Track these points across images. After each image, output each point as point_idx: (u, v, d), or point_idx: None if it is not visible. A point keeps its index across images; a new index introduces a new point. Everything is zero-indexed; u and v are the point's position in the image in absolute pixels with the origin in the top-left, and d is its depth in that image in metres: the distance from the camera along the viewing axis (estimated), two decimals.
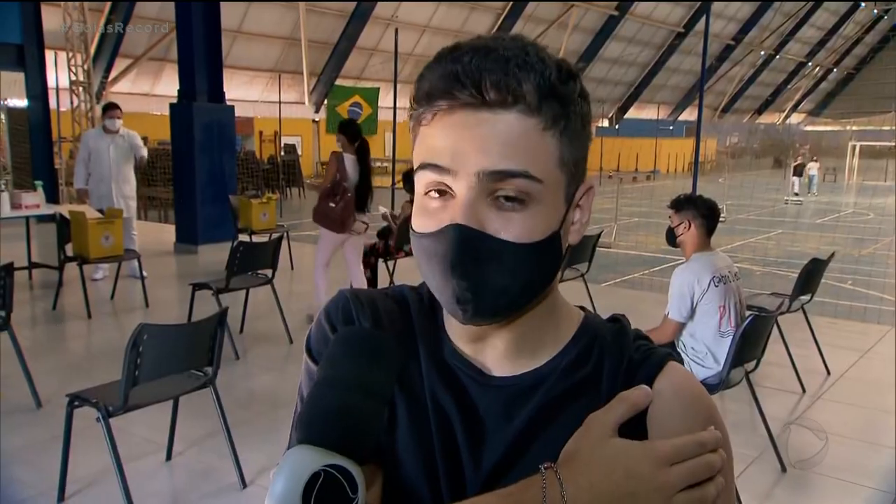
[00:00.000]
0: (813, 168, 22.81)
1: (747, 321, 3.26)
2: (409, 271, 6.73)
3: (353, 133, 5.43)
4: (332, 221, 5.37)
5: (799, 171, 21.72)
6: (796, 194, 21.08)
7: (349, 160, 5.37)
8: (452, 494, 0.69)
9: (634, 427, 0.66)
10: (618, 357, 0.72)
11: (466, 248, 0.63)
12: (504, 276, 0.64)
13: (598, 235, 6.50)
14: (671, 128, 36.78)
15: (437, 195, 0.64)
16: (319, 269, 5.52)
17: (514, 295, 0.65)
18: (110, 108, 6.77)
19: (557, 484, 0.61)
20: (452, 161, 0.62)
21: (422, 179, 0.65)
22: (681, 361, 0.73)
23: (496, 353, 0.72)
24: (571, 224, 0.69)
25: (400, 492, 0.71)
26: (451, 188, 0.63)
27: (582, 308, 0.78)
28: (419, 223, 0.66)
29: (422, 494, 0.70)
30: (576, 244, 0.70)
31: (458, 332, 0.73)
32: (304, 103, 25.49)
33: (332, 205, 5.34)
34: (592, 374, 0.71)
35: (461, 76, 0.61)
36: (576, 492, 0.61)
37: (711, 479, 0.63)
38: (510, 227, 0.63)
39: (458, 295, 0.65)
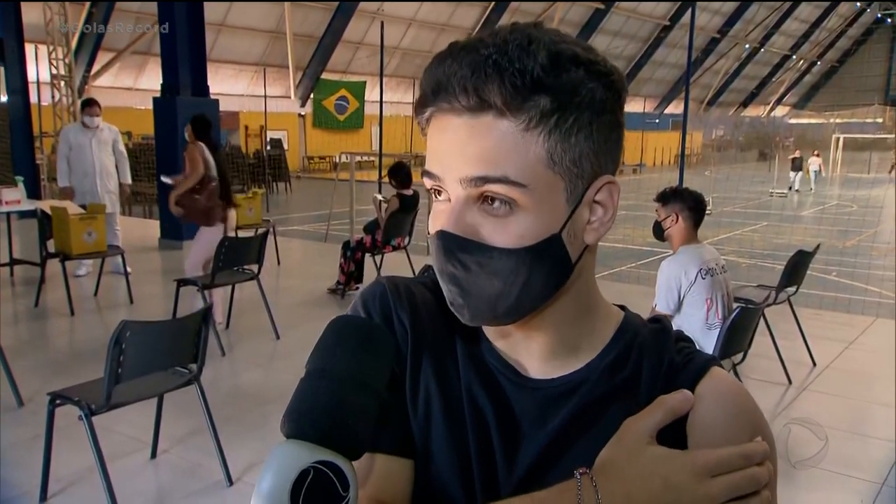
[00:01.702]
0: (815, 163, 22.43)
1: (734, 313, 3.27)
2: (396, 266, 6.70)
3: (201, 128, 5.21)
4: (198, 213, 5.16)
5: (798, 165, 21.35)
6: (797, 190, 20.93)
7: (206, 151, 5.16)
8: (486, 495, 0.67)
9: (674, 434, 0.63)
10: (657, 359, 0.68)
11: (451, 254, 0.62)
12: (495, 281, 0.62)
13: None
14: (657, 121, 36.88)
15: (439, 197, 0.64)
16: (194, 268, 5.17)
17: (513, 299, 0.63)
18: (89, 105, 6.68)
19: (593, 491, 0.59)
20: (440, 168, 0.63)
21: (426, 183, 0.66)
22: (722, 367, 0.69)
23: (531, 354, 0.70)
24: (587, 223, 0.64)
25: (432, 488, 0.69)
26: (448, 192, 0.63)
27: (622, 307, 0.75)
28: (430, 225, 0.66)
29: (454, 493, 0.68)
30: (593, 243, 0.65)
31: (488, 327, 0.71)
32: (289, 97, 25.36)
33: (197, 196, 5.14)
34: (631, 376, 0.68)
35: (441, 82, 0.60)
36: (612, 500, 0.59)
37: (756, 493, 0.60)
38: (499, 233, 0.61)
39: (451, 299, 0.65)
